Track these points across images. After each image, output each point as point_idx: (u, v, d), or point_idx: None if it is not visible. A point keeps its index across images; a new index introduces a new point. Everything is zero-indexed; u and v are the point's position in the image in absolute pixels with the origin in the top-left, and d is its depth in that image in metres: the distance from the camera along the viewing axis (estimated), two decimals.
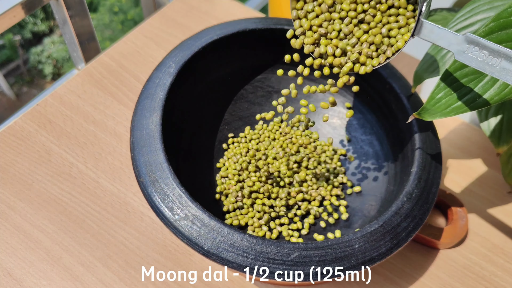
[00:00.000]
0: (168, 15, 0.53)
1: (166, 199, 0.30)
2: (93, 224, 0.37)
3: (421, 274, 0.37)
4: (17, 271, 0.34)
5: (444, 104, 0.30)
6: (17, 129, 0.42)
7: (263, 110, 0.43)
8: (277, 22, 0.40)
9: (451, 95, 0.30)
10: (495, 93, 0.29)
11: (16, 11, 0.47)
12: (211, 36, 0.38)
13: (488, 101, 0.29)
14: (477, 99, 0.29)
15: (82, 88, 0.45)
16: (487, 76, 0.29)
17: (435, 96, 0.30)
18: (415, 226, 0.31)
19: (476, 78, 0.30)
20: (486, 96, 0.29)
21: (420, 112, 0.30)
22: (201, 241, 0.29)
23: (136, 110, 0.34)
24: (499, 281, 0.37)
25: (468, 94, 0.30)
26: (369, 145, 0.41)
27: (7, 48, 1.64)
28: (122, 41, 0.50)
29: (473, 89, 0.30)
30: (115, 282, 0.35)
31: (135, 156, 0.32)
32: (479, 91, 0.29)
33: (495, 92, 0.29)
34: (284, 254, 0.28)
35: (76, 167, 0.40)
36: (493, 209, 0.41)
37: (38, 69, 1.66)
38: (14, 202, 0.38)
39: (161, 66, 0.36)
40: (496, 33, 0.28)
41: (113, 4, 1.82)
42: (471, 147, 0.46)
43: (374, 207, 0.37)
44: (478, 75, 0.30)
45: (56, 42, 1.69)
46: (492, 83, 0.29)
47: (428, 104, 0.30)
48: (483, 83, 0.29)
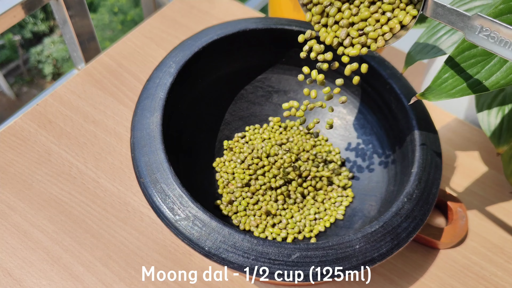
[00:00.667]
0: (168, 15, 0.53)
1: (167, 199, 0.30)
2: (93, 224, 0.37)
3: (421, 274, 0.37)
4: (17, 271, 0.34)
5: (450, 84, 0.29)
6: (17, 129, 0.42)
7: (263, 110, 0.43)
8: (278, 22, 0.40)
9: (457, 75, 0.29)
10: (502, 77, 0.28)
11: (16, 11, 0.47)
12: (211, 36, 0.38)
13: (494, 84, 0.28)
14: (483, 82, 0.29)
15: (82, 88, 0.45)
16: (494, 59, 0.29)
17: (442, 76, 0.29)
18: (416, 226, 0.31)
19: (483, 60, 0.29)
20: (493, 79, 0.29)
21: (424, 92, 0.29)
22: (202, 242, 0.29)
23: (137, 110, 0.34)
24: (499, 281, 0.37)
25: (475, 76, 0.29)
26: (369, 145, 0.41)
27: (7, 48, 1.64)
28: (122, 41, 0.50)
29: (480, 71, 0.29)
30: (115, 282, 0.35)
31: (135, 156, 0.32)
32: (486, 73, 0.29)
33: (501, 76, 0.28)
34: (285, 254, 0.28)
35: (76, 167, 0.40)
36: (493, 209, 0.41)
37: (38, 69, 1.66)
38: (14, 202, 0.38)
39: (161, 66, 0.36)
40: (506, 15, 0.27)
41: (113, 5, 1.82)
42: (471, 147, 0.46)
43: (374, 207, 0.37)
44: (485, 57, 0.29)
45: (56, 42, 1.69)
46: (499, 66, 0.29)
47: (433, 84, 0.29)
48: (490, 66, 0.29)
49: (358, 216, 0.37)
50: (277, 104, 0.43)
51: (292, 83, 0.43)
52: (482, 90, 0.29)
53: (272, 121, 0.43)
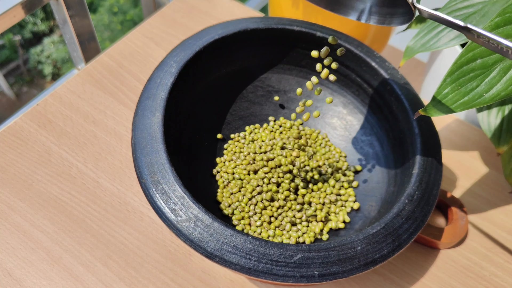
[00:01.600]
0: (168, 15, 0.53)
1: (168, 200, 0.30)
2: (93, 224, 0.37)
3: (421, 274, 0.37)
4: (17, 271, 0.34)
5: (450, 100, 0.29)
6: (17, 129, 0.42)
7: (263, 109, 0.43)
8: (279, 22, 0.40)
9: (457, 90, 0.29)
10: (502, 88, 0.29)
11: (16, 11, 0.47)
12: (212, 35, 0.38)
13: (495, 96, 0.29)
14: (484, 95, 0.29)
15: (82, 88, 0.45)
16: (493, 72, 0.29)
17: (442, 91, 0.30)
18: (417, 228, 0.31)
19: (482, 74, 0.29)
20: (493, 91, 0.29)
21: (426, 108, 0.30)
22: (204, 243, 0.29)
23: (138, 111, 0.34)
24: (499, 281, 0.37)
25: (475, 89, 0.29)
26: (369, 146, 0.41)
27: (7, 48, 1.64)
28: (122, 41, 0.50)
29: (479, 84, 0.29)
30: (115, 282, 0.35)
31: (137, 157, 0.32)
32: (486, 86, 0.29)
33: (502, 87, 0.29)
34: (287, 256, 0.28)
35: (76, 167, 0.40)
36: (493, 209, 0.41)
37: (38, 69, 1.66)
38: (14, 202, 0.38)
39: (162, 66, 0.36)
40: (502, 27, 0.28)
41: (112, 5, 1.82)
42: (471, 147, 0.46)
43: (375, 208, 0.37)
44: (484, 70, 0.29)
45: (56, 42, 1.69)
46: (499, 78, 0.29)
47: (435, 100, 0.30)
48: (490, 78, 0.29)
49: (358, 216, 0.37)
50: (277, 104, 0.43)
51: (292, 83, 0.43)
52: (483, 103, 0.29)
53: (272, 121, 0.43)
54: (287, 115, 0.43)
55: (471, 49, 0.29)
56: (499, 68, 0.29)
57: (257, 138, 0.42)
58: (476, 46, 0.29)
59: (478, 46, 0.29)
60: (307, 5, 0.44)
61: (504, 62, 0.29)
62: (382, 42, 0.51)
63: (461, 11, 0.33)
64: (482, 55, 0.29)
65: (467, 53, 0.29)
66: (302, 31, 0.39)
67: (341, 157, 0.41)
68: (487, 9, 0.32)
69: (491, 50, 0.26)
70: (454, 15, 0.34)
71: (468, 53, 0.29)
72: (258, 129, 0.42)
